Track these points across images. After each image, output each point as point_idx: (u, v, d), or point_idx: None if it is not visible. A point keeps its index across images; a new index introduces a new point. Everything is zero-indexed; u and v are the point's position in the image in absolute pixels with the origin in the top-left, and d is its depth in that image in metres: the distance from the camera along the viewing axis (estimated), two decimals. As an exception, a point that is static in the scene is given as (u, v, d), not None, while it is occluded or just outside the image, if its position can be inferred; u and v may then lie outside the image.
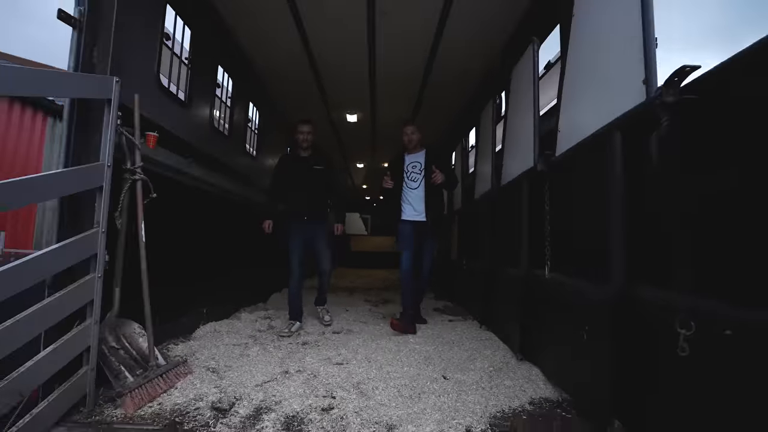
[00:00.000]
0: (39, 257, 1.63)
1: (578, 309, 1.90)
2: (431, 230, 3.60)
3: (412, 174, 3.66)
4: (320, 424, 1.79)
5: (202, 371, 2.37)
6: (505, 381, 2.34)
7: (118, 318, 2.21)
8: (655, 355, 1.38)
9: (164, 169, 2.61)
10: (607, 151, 1.64)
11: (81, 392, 1.83)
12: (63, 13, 1.79)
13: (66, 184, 1.74)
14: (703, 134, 1.18)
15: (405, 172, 3.69)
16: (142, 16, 2.41)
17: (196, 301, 3.30)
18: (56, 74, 1.71)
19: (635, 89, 1.49)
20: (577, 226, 2.03)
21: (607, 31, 1.81)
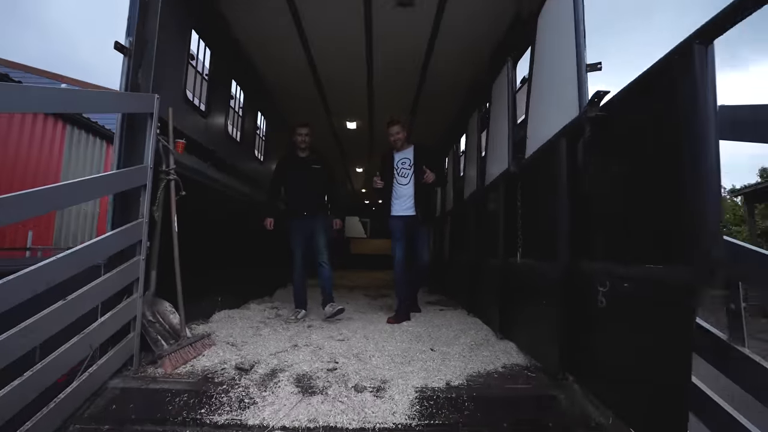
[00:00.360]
0: (100, 241, 2.04)
1: (541, 283, 2.30)
2: (422, 222, 3.71)
3: (402, 170, 3.75)
4: (326, 379, 2.18)
5: (223, 345, 2.76)
6: (483, 352, 2.73)
7: (154, 297, 2.60)
8: (585, 312, 1.78)
9: (190, 172, 3.02)
10: (557, 154, 2.05)
11: (129, 353, 2.22)
12: (118, 44, 2.21)
13: (121, 182, 2.15)
14: (612, 141, 1.59)
15: (395, 168, 3.77)
16: (174, 40, 2.83)
17: (212, 290, 3.69)
18: (114, 94, 2.12)
19: (574, 105, 1.91)
20: (540, 217, 2.43)
21: (557, 57, 2.23)
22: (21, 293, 1.49)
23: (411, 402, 1.97)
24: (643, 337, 1.35)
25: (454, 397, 2.03)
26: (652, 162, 1.29)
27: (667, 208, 1.21)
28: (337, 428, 1.77)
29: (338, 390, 2.06)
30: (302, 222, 3.73)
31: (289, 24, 3.82)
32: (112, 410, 1.88)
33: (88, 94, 1.91)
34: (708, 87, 1.07)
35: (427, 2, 3.43)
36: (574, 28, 1.91)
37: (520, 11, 3.14)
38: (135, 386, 2.06)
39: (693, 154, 1.08)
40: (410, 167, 3.73)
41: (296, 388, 2.07)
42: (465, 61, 4.39)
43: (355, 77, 4.90)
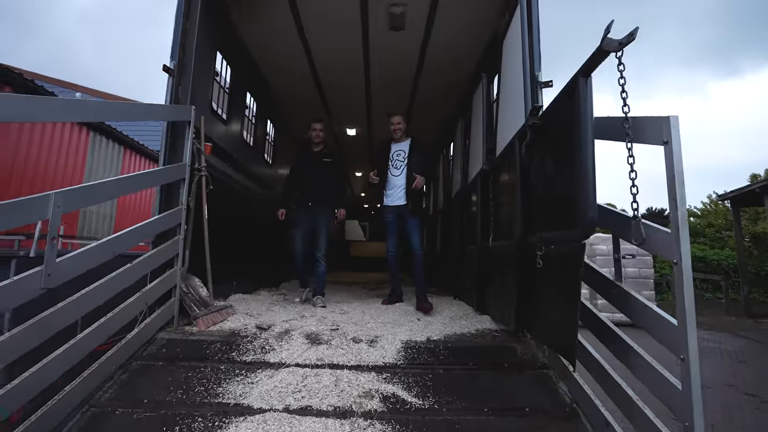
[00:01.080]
0: (150, 222, 2.56)
1: (505, 260, 2.83)
2: (413, 210, 3.87)
3: (396, 161, 3.92)
4: (330, 335, 2.70)
5: (242, 315, 3.26)
6: (462, 321, 3.24)
7: (187, 273, 3.13)
8: (531, 275, 2.31)
9: (214, 171, 3.56)
10: (513, 154, 2.59)
11: (171, 314, 2.74)
12: (165, 67, 2.77)
13: (167, 176, 2.69)
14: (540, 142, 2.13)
15: (390, 159, 3.95)
16: (204, 61, 3.39)
17: (228, 275, 4.20)
18: (163, 106, 2.68)
19: (523, 115, 2.45)
20: (504, 204, 2.97)
21: (515, 74, 2.79)
22: (96, 259, 1.98)
23: (398, 350, 2.49)
24: (558, 280, 1.88)
25: (432, 347, 2.55)
26: (560, 156, 1.82)
27: (569, 188, 1.74)
28: (339, 365, 2.29)
29: (340, 341, 2.58)
30: (307, 211, 3.96)
31: (296, 42, 4.39)
32: (163, 353, 2.40)
33: (142, 107, 2.45)
34: (588, 103, 1.61)
35: (416, 27, 4.01)
36: (521, 47, 2.47)
37: (495, 35, 3.71)
38: (178, 338, 2.58)
39: (580, 150, 1.62)
40: (404, 159, 3.91)
41: (306, 341, 2.59)
42: (451, 77, 4.97)
43: (354, 87, 5.47)
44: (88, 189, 1.89)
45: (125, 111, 2.37)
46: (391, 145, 4.00)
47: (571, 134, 1.69)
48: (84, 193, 1.88)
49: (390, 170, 3.94)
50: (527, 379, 2.27)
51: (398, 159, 3.94)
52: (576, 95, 1.63)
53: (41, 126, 5.81)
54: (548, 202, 2.06)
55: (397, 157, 3.95)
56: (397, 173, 3.92)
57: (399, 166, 3.92)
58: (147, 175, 2.49)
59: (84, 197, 1.90)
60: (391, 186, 3.93)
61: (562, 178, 1.85)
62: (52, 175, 6.15)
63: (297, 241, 3.99)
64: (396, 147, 3.98)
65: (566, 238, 1.79)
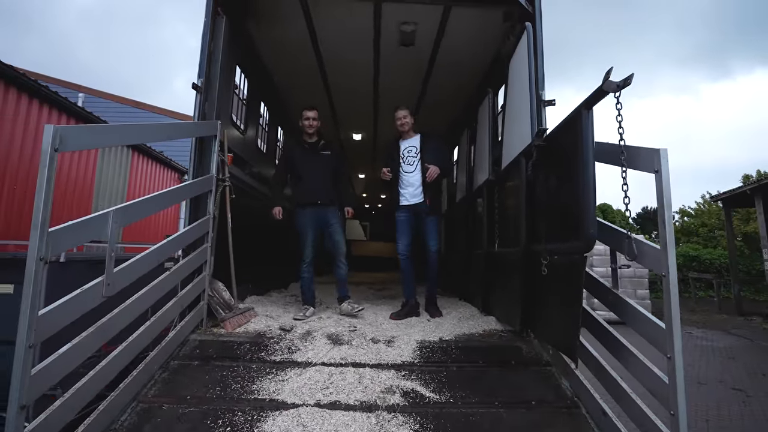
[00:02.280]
0: (183, 233, 2.76)
1: (511, 265, 3.05)
2: (431, 209, 3.56)
3: (408, 158, 3.64)
4: (349, 336, 2.91)
5: (263, 317, 3.47)
6: (469, 322, 3.47)
7: (211, 278, 3.33)
8: (536, 281, 2.53)
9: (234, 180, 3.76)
10: (519, 169, 2.81)
11: (200, 317, 2.95)
12: (195, 85, 2.96)
13: (198, 188, 2.89)
14: (546, 162, 2.35)
15: (401, 157, 3.68)
16: (226, 76, 3.59)
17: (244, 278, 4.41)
18: (194, 124, 2.88)
19: (529, 134, 2.67)
20: (509, 214, 3.19)
21: (521, 94, 3.01)
22: (145, 267, 2.18)
23: (413, 349, 2.71)
24: (562, 287, 2.11)
25: (444, 347, 2.77)
26: (564, 176, 2.05)
27: (572, 205, 1.97)
28: (361, 364, 2.51)
29: (360, 342, 2.80)
30: (314, 211, 3.53)
31: (310, 54, 4.59)
32: (197, 353, 2.61)
33: (176, 126, 2.65)
34: (589, 133, 1.83)
35: (426, 42, 4.22)
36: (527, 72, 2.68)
37: (499, 51, 3.93)
38: (209, 339, 2.79)
39: (583, 173, 1.84)
40: (416, 155, 3.62)
41: (328, 341, 2.80)
42: (455, 87, 5.19)
43: (362, 94, 5.67)
44: (138, 205, 2.09)
45: (160, 131, 2.56)
46: (401, 143, 3.75)
47: (575, 158, 1.91)
48: (135, 209, 2.09)
49: (402, 168, 3.66)
50: (532, 375, 2.49)
51: (410, 155, 3.66)
52: (579, 125, 1.85)
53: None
54: (552, 216, 2.28)
55: (408, 153, 3.67)
56: (410, 169, 3.63)
57: (412, 162, 3.64)
58: (182, 189, 2.69)
59: (135, 212, 2.11)
60: (405, 184, 3.63)
61: (565, 195, 2.07)
62: (65, 179, 6.32)
63: (307, 249, 3.54)
64: (406, 143, 3.72)
65: (569, 250, 2.01)
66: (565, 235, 2.10)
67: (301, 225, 3.58)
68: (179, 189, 2.61)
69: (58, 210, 5.83)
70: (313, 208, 3.55)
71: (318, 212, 3.55)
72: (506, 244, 3.25)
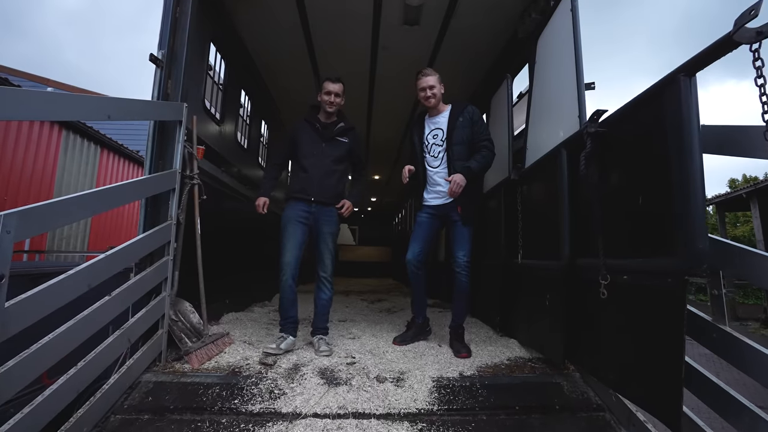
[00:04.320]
0: (135, 243, 2.14)
1: (543, 281, 2.51)
2: (463, 218, 2.67)
3: (433, 147, 2.71)
4: (348, 372, 2.33)
5: (241, 343, 2.86)
6: (488, 347, 2.92)
7: (176, 297, 2.70)
8: (587, 304, 1.99)
9: (207, 177, 3.14)
10: (558, 164, 2.28)
11: (158, 350, 2.32)
12: (153, 56, 2.35)
13: (154, 186, 2.27)
14: (611, 153, 1.83)
15: (425, 143, 2.76)
16: (197, 52, 2.97)
17: (220, 291, 3.78)
18: (150, 103, 2.25)
19: (574, 121, 2.14)
20: (541, 219, 2.65)
21: (557, 76, 2.48)
22: (66, 295, 1.55)
23: (429, 390, 2.14)
24: (642, 322, 1.57)
25: (468, 385, 2.21)
26: (645, 170, 1.52)
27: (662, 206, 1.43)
28: (365, 414, 1.93)
29: (361, 381, 2.21)
30: (306, 208, 2.70)
31: (298, 34, 4.00)
32: (149, 401, 1.98)
33: (126, 103, 2.03)
34: (693, 110, 1.31)
35: (432, 21, 3.67)
36: (574, 52, 2.16)
37: (518, 31, 3.41)
38: (167, 380, 2.16)
39: (684, 165, 1.31)
40: (442, 142, 2.67)
41: (321, 380, 2.21)
42: (464, 76, 4.66)
43: (356, 86, 5.09)
44: (44, 210, 1.44)
45: (98, 108, 1.91)
46: (426, 122, 2.79)
47: (668, 144, 1.38)
48: (47, 213, 1.45)
49: (426, 159, 2.76)
50: (583, 425, 1.95)
51: (435, 143, 2.71)
52: (676, 98, 1.32)
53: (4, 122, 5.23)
54: (618, 222, 1.75)
55: (433, 139, 2.72)
56: (436, 164, 2.71)
57: (437, 153, 2.71)
58: (129, 186, 2.06)
59: (48, 219, 1.48)
60: (431, 181, 2.76)
61: (648, 195, 1.54)
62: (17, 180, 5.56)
63: (290, 254, 2.63)
64: (432, 124, 2.75)
65: (656, 270, 1.48)
66: (643, 249, 1.57)
67: (285, 222, 2.69)
68: (124, 186, 1.98)
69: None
70: (305, 205, 2.71)
71: (310, 212, 2.71)
72: (535, 255, 2.71)
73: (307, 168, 2.70)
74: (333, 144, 2.75)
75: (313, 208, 2.71)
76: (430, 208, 2.79)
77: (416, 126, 2.85)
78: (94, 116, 1.70)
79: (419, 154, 2.78)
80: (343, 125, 2.79)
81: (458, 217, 2.70)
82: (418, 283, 2.93)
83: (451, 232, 2.76)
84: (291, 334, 2.71)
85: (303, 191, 2.70)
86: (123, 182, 2.05)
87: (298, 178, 2.74)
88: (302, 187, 2.71)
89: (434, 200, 2.77)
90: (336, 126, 2.78)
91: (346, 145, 2.78)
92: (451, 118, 2.69)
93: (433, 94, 2.68)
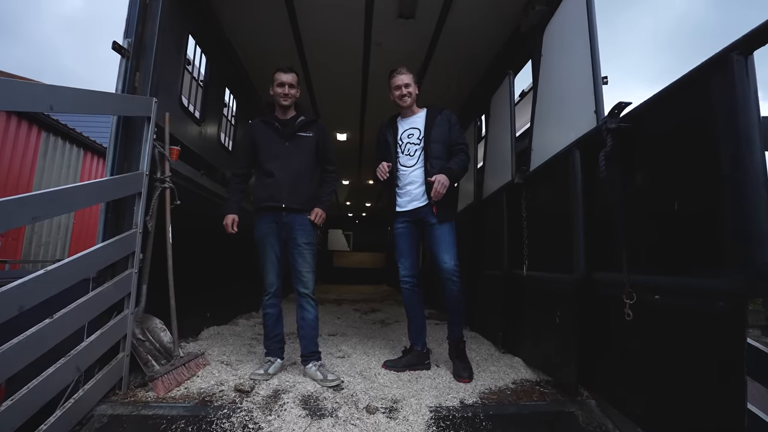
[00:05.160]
0: (89, 254, 1.87)
1: (553, 295, 2.26)
2: (439, 215, 2.48)
3: (408, 145, 2.58)
4: (334, 400, 2.05)
5: (217, 364, 2.58)
6: (491, 367, 2.66)
7: (143, 313, 2.42)
8: (608, 325, 1.74)
9: (183, 181, 2.88)
10: (571, 165, 2.04)
11: (118, 376, 2.04)
12: (116, 45, 2.09)
13: (114, 189, 2.00)
14: (640, 152, 1.59)
15: (398, 144, 2.61)
16: (171, 44, 2.72)
17: (200, 305, 3.50)
18: (110, 95, 1.99)
19: (589, 117, 1.91)
20: (550, 227, 2.41)
21: (568, 69, 2.25)
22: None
23: (427, 423, 1.87)
24: (681, 352, 1.32)
25: (471, 416, 1.94)
26: (691, 170, 1.28)
27: (710, 216, 1.19)
28: (352, 454, 1.66)
29: (349, 411, 1.94)
30: (277, 219, 2.43)
31: (286, 30, 3.76)
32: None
33: (83, 94, 1.77)
34: (751, 98, 1.07)
35: (428, 15, 3.44)
36: (589, 41, 1.93)
37: (520, 25, 3.18)
38: (125, 412, 1.88)
39: (739, 164, 1.07)
40: (419, 141, 2.55)
41: (303, 411, 1.93)
42: (462, 73, 4.43)
43: (348, 85, 4.86)
44: None
45: (37, 97, 1.61)
46: (399, 122, 2.67)
47: (713, 139, 1.15)
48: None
49: (400, 159, 2.59)
50: (603, 465, 1.70)
51: (410, 142, 2.58)
52: (730, 83, 1.08)
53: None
54: (647, 231, 1.51)
55: (408, 138, 2.59)
56: (411, 162, 2.56)
57: (412, 151, 2.56)
58: (82, 189, 1.79)
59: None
60: (403, 183, 2.57)
61: (686, 200, 1.30)
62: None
63: (271, 274, 2.45)
64: (406, 124, 2.63)
65: (697, 289, 1.23)
66: (682, 264, 1.32)
67: (260, 240, 2.45)
68: (75, 189, 1.71)
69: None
70: (275, 215, 2.42)
71: (282, 222, 2.43)
72: (543, 266, 2.46)
73: (273, 172, 2.41)
74: (297, 141, 2.47)
75: (285, 218, 2.42)
76: (404, 215, 2.60)
77: (388, 126, 2.70)
78: (29, 106, 1.43)
79: (393, 154, 2.60)
80: (304, 119, 2.52)
81: (435, 218, 2.49)
82: (414, 305, 2.69)
83: (431, 238, 2.54)
84: (278, 357, 2.50)
85: (272, 198, 2.40)
86: (75, 184, 1.79)
87: (265, 184, 2.43)
88: (270, 194, 2.40)
89: (408, 204, 2.57)
90: (296, 121, 2.50)
91: (311, 140, 2.49)
92: (429, 117, 2.59)
93: (408, 92, 2.55)
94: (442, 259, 2.50)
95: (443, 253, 2.49)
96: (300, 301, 2.44)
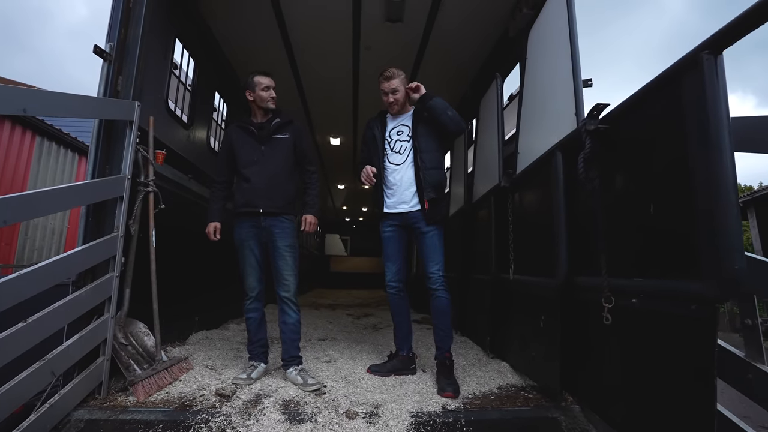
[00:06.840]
0: (69, 257, 1.86)
1: (537, 300, 2.25)
2: (429, 215, 2.38)
3: (397, 143, 2.49)
4: (314, 405, 2.03)
5: (202, 368, 2.56)
6: (477, 372, 2.64)
7: (126, 317, 2.41)
8: (588, 329, 1.73)
9: (169, 185, 2.87)
10: (553, 169, 2.03)
11: (98, 380, 2.02)
12: (98, 48, 2.09)
13: (95, 192, 1.99)
14: (617, 154, 1.58)
15: (387, 140, 2.52)
16: (157, 48, 2.73)
17: (188, 310, 3.48)
18: (91, 99, 1.99)
19: (570, 119, 1.90)
20: (534, 231, 2.40)
21: (551, 72, 2.25)
22: None
23: (407, 428, 1.85)
24: (656, 356, 1.30)
25: (452, 421, 1.92)
26: (668, 174, 1.27)
27: (683, 220, 1.18)
28: (329, 460, 1.64)
29: (329, 416, 1.92)
30: (256, 223, 2.41)
31: (275, 34, 3.77)
32: (75, 446, 1.68)
33: (61, 97, 1.77)
34: (720, 96, 1.07)
35: (417, 18, 3.46)
36: (570, 43, 1.93)
37: (508, 29, 3.20)
38: (102, 417, 1.86)
39: (710, 167, 1.06)
40: (409, 138, 2.46)
41: (283, 416, 1.91)
42: (452, 76, 4.44)
43: (340, 89, 4.87)
44: None
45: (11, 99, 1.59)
46: (388, 120, 2.59)
47: (685, 141, 1.14)
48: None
49: (388, 157, 2.51)
50: (584, 472, 1.68)
51: (400, 139, 2.49)
52: (701, 81, 1.08)
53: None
54: (625, 235, 1.50)
55: (397, 135, 2.50)
56: (399, 160, 2.46)
57: (402, 149, 2.47)
58: (62, 192, 1.78)
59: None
60: (391, 182, 2.49)
61: (660, 204, 1.29)
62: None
63: (251, 279, 2.44)
64: (395, 122, 2.55)
65: (671, 293, 1.22)
66: (658, 268, 1.31)
67: (239, 244, 2.44)
68: (52, 192, 1.70)
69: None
70: (253, 220, 2.41)
71: (260, 226, 2.41)
72: (529, 270, 2.45)
73: (249, 177, 2.39)
74: (272, 144, 2.44)
75: (263, 222, 2.39)
76: (393, 218, 2.52)
77: (377, 120, 2.60)
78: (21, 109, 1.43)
79: (380, 151, 2.52)
80: (279, 120, 2.48)
81: (425, 226, 2.42)
82: (400, 311, 2.62)
83: (420, 244, 2.47)
84: (262, 361, 2.48)
85: (249, 204, 2.38)
86: (51, 187, 1.78)
87: (242, 189, 2.42)
88: (247, 200, 2.38)
89: (397, 206, 2.48)
90: (272, 123, 2.46)
91: (287, 141, 2.45)
92: (417, 112, 2.50)
93: (395, 99, 2.47)
94: (431, 270, 2.44)
95: (432, 264, 2.44)
96: (281, 305, 2.42)
